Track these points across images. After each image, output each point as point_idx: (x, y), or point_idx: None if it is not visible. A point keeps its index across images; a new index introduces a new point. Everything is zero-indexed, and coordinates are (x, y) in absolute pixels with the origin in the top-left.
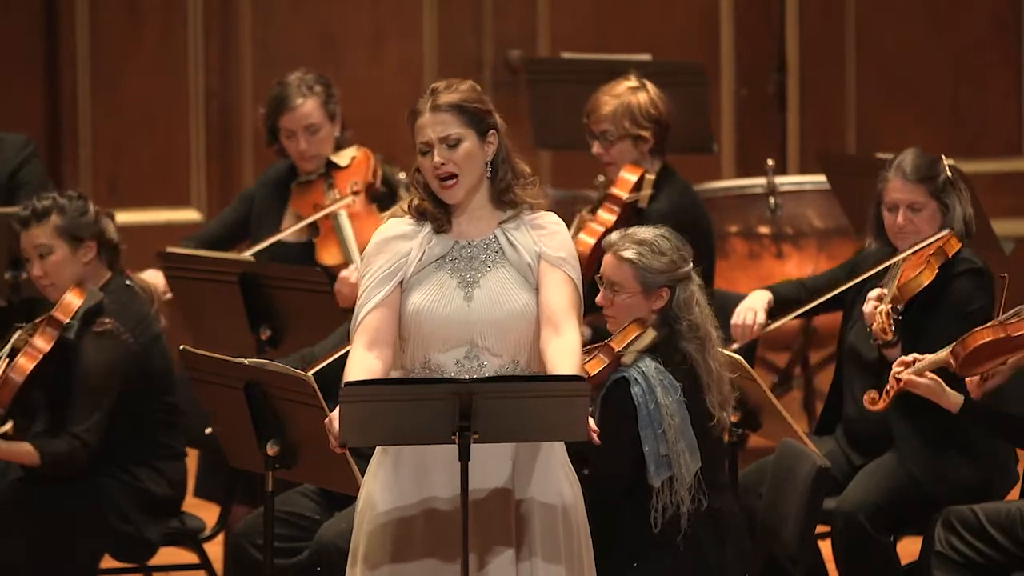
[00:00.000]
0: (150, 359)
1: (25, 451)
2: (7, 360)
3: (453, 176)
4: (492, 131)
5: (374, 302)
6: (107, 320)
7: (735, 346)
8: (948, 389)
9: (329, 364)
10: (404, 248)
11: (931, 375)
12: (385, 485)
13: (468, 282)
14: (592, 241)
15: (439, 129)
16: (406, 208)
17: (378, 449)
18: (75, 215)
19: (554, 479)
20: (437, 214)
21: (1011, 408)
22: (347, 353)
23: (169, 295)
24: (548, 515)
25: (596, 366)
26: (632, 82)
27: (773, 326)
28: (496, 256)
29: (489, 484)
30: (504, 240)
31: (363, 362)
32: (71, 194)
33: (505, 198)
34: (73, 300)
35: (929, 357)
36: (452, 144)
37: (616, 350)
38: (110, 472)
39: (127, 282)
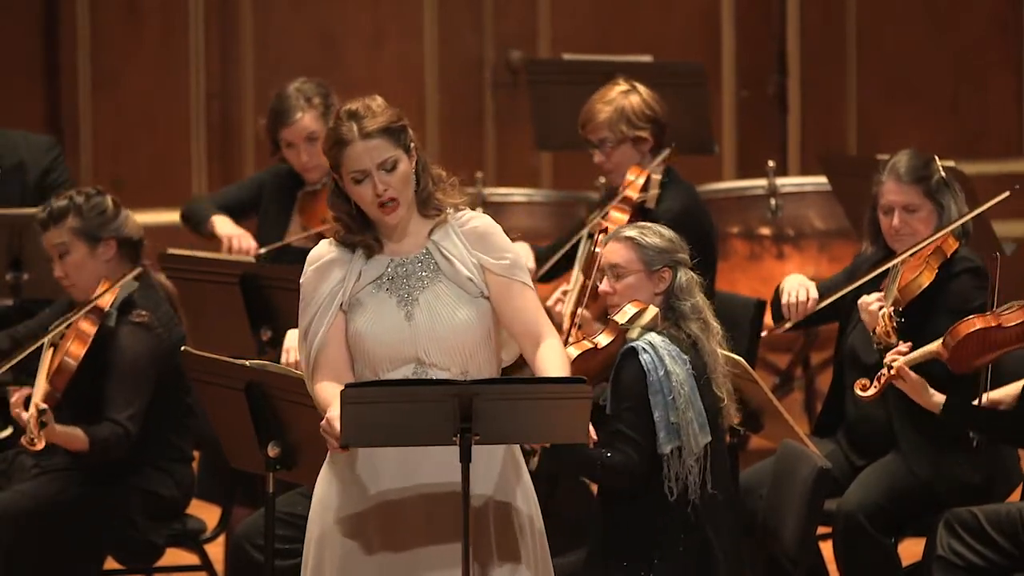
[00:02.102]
0: (177, 357)
1: (77, 436)
2: (52, 349)
3: (394, 199)
4: (412, 144)
5: (321, 336)
6: (143, 312)
7: (788, 325)
8: (931, 390)
9: None
10: (339, 273)
11: (915, 376)
12: (336, 485)
13: (407, 300)
14: None
15: (375, 155)
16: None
17: (329, 453)
18: (92, 215)
19: (510, 481)
20: (368, 241)
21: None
22: None
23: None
24: (505, 515)
25: (604, 339)
26: (622, 86)
27: (822, 304)
28: (431, 272)
29: (446, 481)
30: (438, 255)
31: (333, 392)
32: (89, 192)
33: (430, 205)
34: (108, 291)
35: (922, 348)
36: (390, 168)
37: (620, 323)
38: (117, 473)
39: (151, 281)
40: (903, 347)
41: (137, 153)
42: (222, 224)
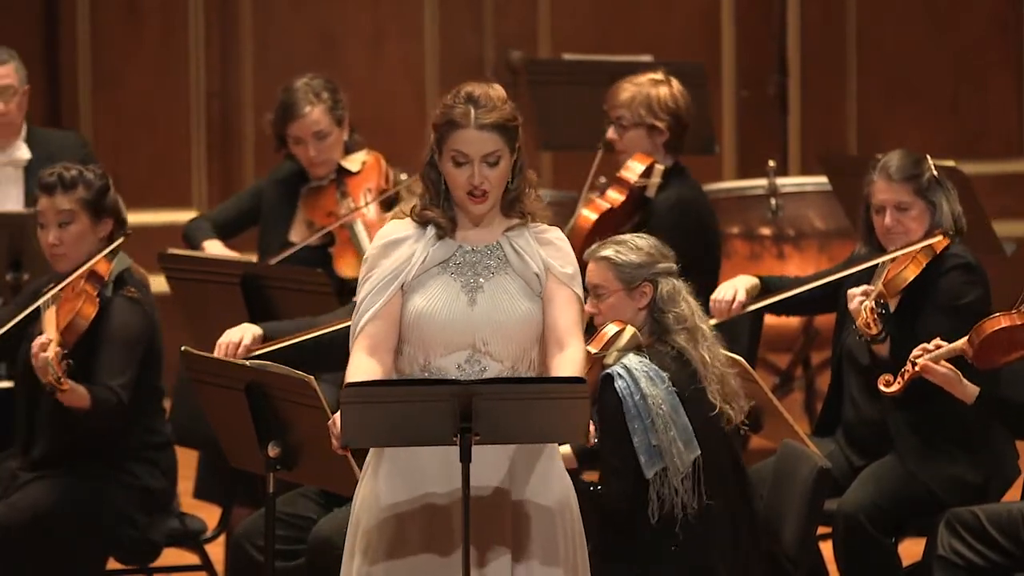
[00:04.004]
0: (156, 339)
1: (82, 393)
2: (53, 306)
3: (485, 192)
4: (518, 144)
5: (375, 309)
6: (133, 289)
7: (713, 322)
8: (964, 380)
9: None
10: (406, 252)
11: (947, 365)
12: (380, 484)
13: (472, 286)
14: (594, 217)
15: (483, 148)
16: (408, 212)
17: (372, 450)
18: (101, 191)
19: (550, 482)
20: (443, 223)
21: (1013, 395)
22: (347, 325)
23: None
24: (545, 517)
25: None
26: (657, 75)
27: (753, 307)
28: (500, 263)
29: (486, 483)
30: (508, 248)
31: (365, 366)
32: (96, 170)
33: (514, 208)
34: (103, 262)
35: (947, 345)
36: (492, 163)
37: (594, 352)
38: (109, 473)
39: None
40: (928, 344)
41: (137, 153)
42: (213, 249)
